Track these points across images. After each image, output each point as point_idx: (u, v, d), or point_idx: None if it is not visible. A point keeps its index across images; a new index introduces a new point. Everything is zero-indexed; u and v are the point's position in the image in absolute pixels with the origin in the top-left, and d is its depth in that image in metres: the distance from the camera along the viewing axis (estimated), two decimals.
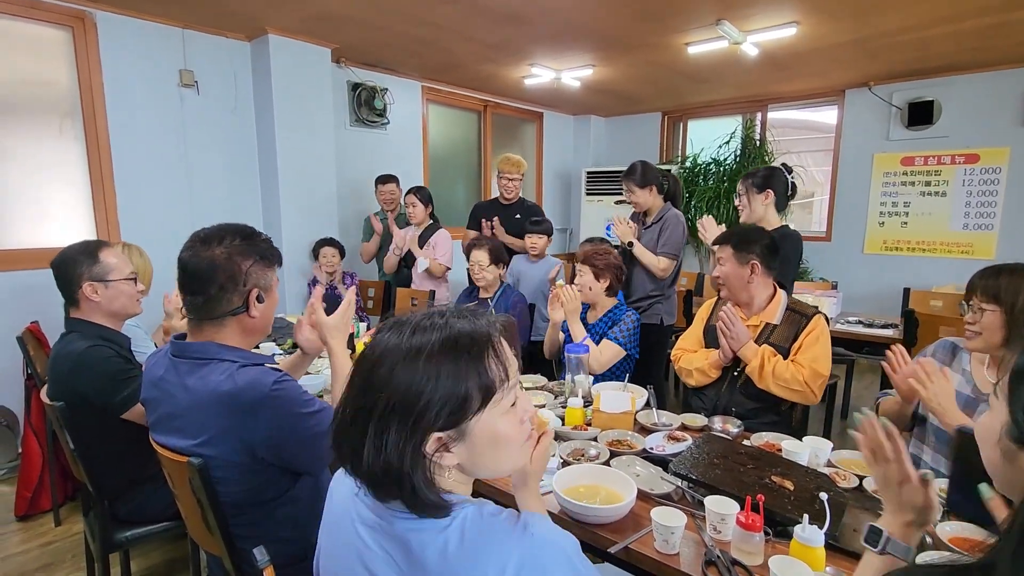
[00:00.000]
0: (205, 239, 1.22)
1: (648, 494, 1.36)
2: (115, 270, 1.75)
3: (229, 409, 1.15)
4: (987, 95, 4.45)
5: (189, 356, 1.23)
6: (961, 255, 4.74)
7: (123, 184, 3.30)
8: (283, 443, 1.18)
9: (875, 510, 1.29)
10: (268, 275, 1.27)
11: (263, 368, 1.22)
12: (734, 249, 1.93)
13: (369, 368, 0.72)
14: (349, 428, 0.73)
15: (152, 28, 3.33)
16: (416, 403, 0.69)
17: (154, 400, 1.28)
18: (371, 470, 0.70)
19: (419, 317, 0.76)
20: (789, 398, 1.86)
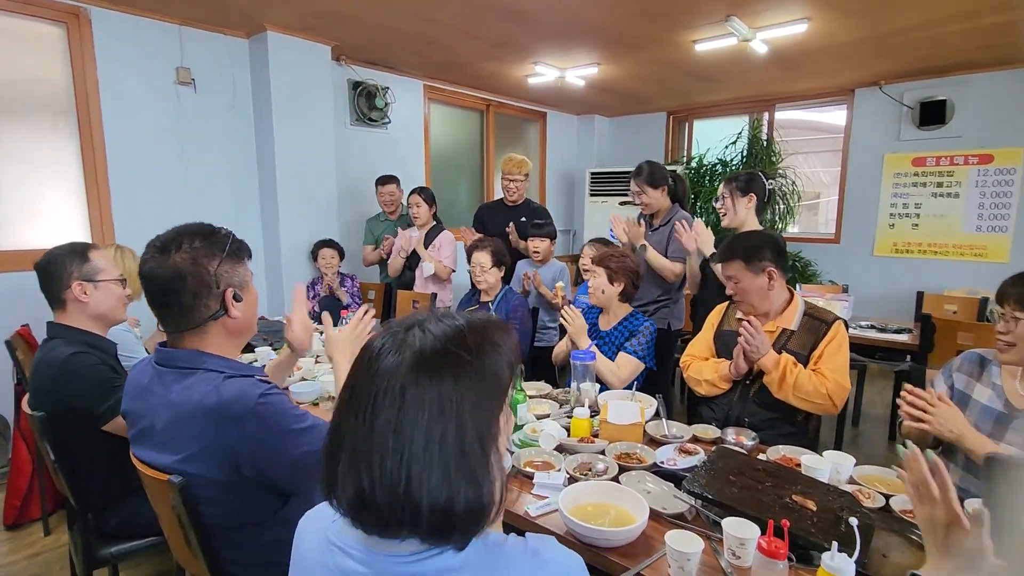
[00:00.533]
0: (163, 246, 1.13)
1: (660, 514, 1.27)
2: (105, 270, 1.69)
3: (214, 423, 1.07)
4: (1002, 94, 4.35)
5: (174, 365, 1.16)
6: (974, 258, 4.64)
7: (118, 184, 3.23)
8: (270, 460, 1.10)
9: (904, 533, 1.20)
10: (240, 271, 1.20)
11: (251, 380, 1.14)
12: (745, 262, 1.83)
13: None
14: (364, 450, 0.62)
15: (148, 24, 3.26)
16: (493, 418, 0.64)
17: (136, 412, 1.21)
18: (406, 500, 0.60)
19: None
20: (808, 410, 1.78)
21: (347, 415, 0.63)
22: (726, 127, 5.72)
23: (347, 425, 0.63)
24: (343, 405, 0.65)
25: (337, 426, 0.64)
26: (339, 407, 0.66)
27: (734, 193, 2.44)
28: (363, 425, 0.61)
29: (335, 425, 0.65)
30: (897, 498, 1.32)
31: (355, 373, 0.66)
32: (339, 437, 0.63)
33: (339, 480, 0.62)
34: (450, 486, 0.60)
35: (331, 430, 0.66)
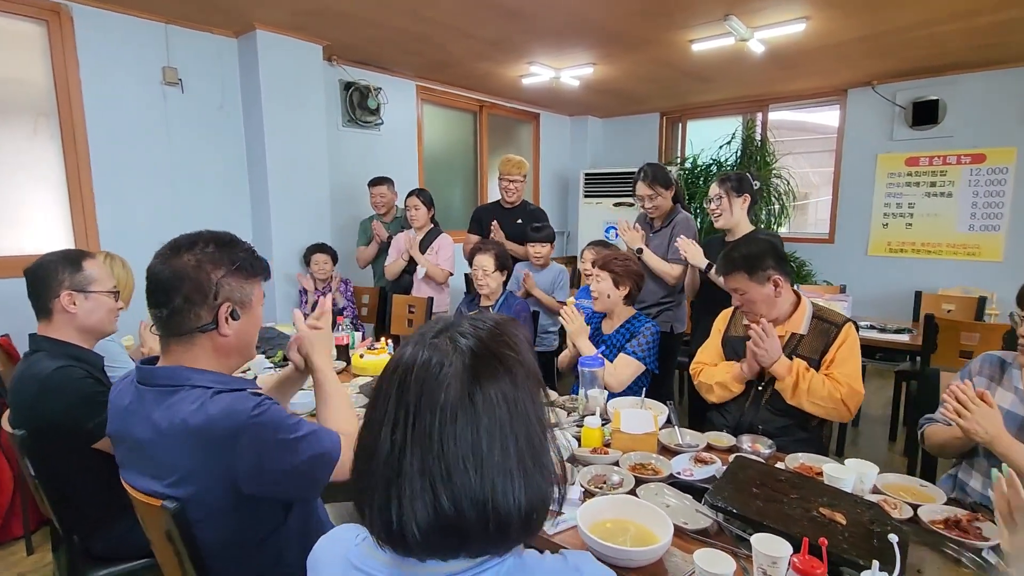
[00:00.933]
0: (176, 246, 1.07)
1: (683, 529, 1.22)
2: (97, 281, 1.60)
3: (203, 444, 0.99)
4: (994, 94, 4.37)
5: (155, 383, 1.07)
6: (967, 257, 4.66)
7: (103, 187, 3.13)
8: (272, 475, 1.02)
9: (938, 547, 1.16)
10: (245, 288, 1.11)
11: (240, 394, 1.06)
12: (749, 274, 1.79)
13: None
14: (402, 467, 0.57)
15: (133, 23, 3.16)
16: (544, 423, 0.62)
17: (120, 435, 1.13)
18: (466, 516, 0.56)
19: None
20: (821, 415, 1.73)
21: (399, 435, 0.57)
22: (720, 127, 5.71)
23: (399, 445, 0.57)
24: (383, 425, 0.59)
25: (384, 448, 0.58)
26: (375, 428, 0.60)
27: (730, 194, 2.41)
28: (431, 443, 0.56)
29: (377, 447, 0.58)
30: (925, 508, 1.28)
31: (399, 390, 0.59)
32: (392, 460, 0.57)
33: (399, 505, 0.56)
34: (530, 488, 0.57)
35: (370, 454, 0.59)
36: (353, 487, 0.62)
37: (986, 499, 1.43)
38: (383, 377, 0.62)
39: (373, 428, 0.60)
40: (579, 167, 6.33)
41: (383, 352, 2.49)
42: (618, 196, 5.85)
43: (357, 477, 0.61)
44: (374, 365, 2.39)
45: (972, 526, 1.21)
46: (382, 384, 0.61)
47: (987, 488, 1.45)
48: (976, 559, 1.11)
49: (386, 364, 0.64)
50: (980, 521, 1.23)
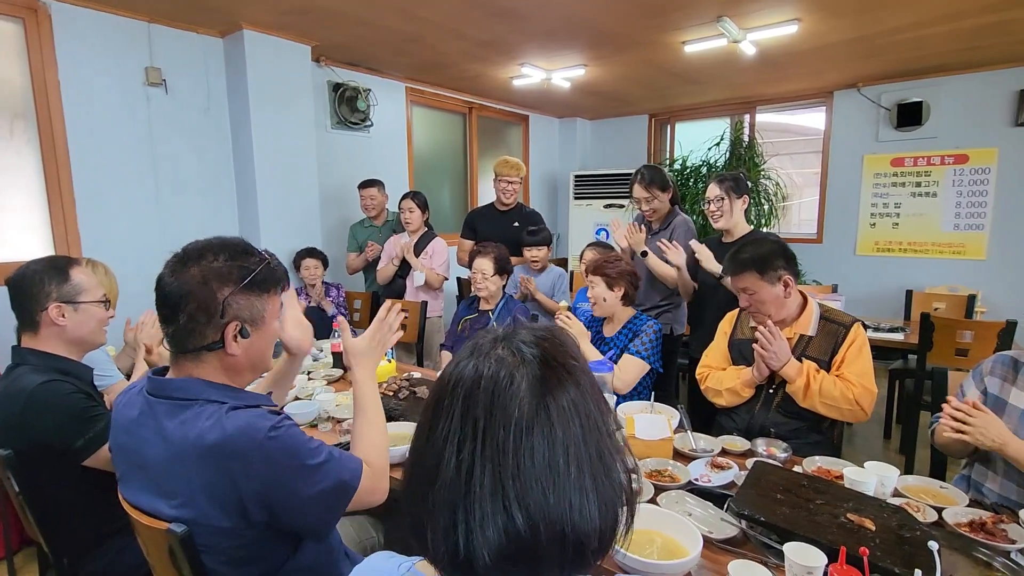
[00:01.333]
0: (185, 257, 1.02)
1: (709, 539, 1.18)
2: (87, 291, 1.52)
3: (216, 462, 0.93)
4: (975, 96, 4.46)
5: (169, 396, 1.01)
6: (953, 256, 4.74)
7: (83, 192, 3.01)
8: (283, 503, 0.97)
9: (967, 551, 1.14)
10: (257, 305, 1.04)
11: (258, 411, 1.00)
12: (760, 273, 1.76)
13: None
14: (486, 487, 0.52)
15: (114, 21, 3.05)
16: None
17: (125, 448, 1.06)
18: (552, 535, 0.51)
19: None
20: (836, 417, 1.72)
21: (466, 453, 0.52)
22: (707, 129, 5.73)
23: (467, 464, 0.52)
24: (447, 443, 0.53)
25: (449, 468, 0.52)
26: (437, 447, 0.54)
27: (730, 194, 2.40)
28: (504, 460, 0.51)
29: (440, 468, 0.53)
30: (949, 511, 1.27)
31: (464, 405, 0.54)
32: (458, 481, 0.52)
33: (467, 528, 0.51)
34: (603, 506, 0.53)
35: (430, 475, 0.53)
36: (408, 512, 0.56)
37: (1004, 500, 1.43)
38: (440, 394, 0.57)
39: (433, 447, 0.54)
40: (569, 169, 6.32)
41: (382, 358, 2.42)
42: (609, 197, 5.85)
43: (414, 501, 0.55)
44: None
45: (998, 528, 1.20)
46: (441, 401, 0.56)
47: (1004, 489, 1.45)
48: (1007, 562, 1.10)
49: (440, 381, 0.59)
50: (1005, 523, 1.22)
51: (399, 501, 0.61)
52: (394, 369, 2.42)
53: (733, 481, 1.43)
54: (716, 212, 2.45)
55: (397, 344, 3.12)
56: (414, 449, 0.58)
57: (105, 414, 1.41)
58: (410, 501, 0.56)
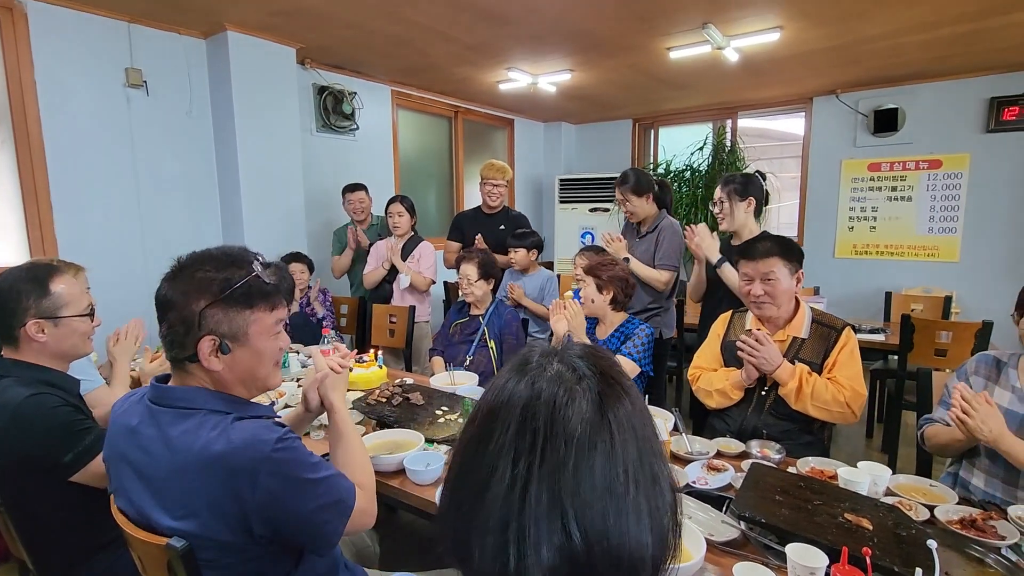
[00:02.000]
0: (179, 267, 1.01)
1: (711, 542, 1.19)
2: (69, 304, 1.45)
3: (221, 474, 0.92)
4: (948, 103, 4.59)
5: (172, 404, 1.00)
6: (928, 258, 4.87)
7: (61, 195, 2.93)
8: (286, 516, 0.95)
9: (960, 548, 1.17)
10: (236, 320, 1.00)
11: (263, 423, 1.00)
12: (785, 259, 1.77)
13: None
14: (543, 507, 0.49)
15: (93, 21, 2.98)
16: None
17: (124, 457, 1.03)
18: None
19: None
20: (826, 419, 1.75)
21: (521, 468, 0.49)
22: (691, 134, 5.81)
23: (522, 480, 0.49)
24: (500, 459, 0.50)
25: (501, 484, 0.49)
26: (488, 463, 0.51)
27: (732, 196, 2.40)
28: (563, 477, 0.48)
29: (491, 484, 0.50)
30: (941, 509, 1.29)
31: (521, 421, 0.51)
32: (511, 499, 0.49)
33: (519, 548, 0.48)
34: (655, 527, 0.51)
35: (477, 491, 0.50)
36: (449, 529, 0.53)
37: (990, 496, 1.47)
38: (492, 407, 0.53)
39: (484, 461, 0.51)
40: (554, 173, 6.35)
41: (372, 365, 2.40)
42: (594, 201, 5.89)
43: (458, 517, 0.52)
44: (364, 379, 2.30)
45: (988, 525, 1.23)
46: (495, 413, 0.53)
47: (990, 486, 1.49)
48: (999, 558, 1.13)
49: (491, 396, 0.55)
50: (994, 520, 1.25)
51: (397, 511, 0.58)
52: (385, 375, 2.40)
53: (730, 483, 1.45)
54: (719, 214, 2.46)
55: (385, 349, 3.09)
56: (459, 464, 0.55)
57: (94, 427, 1.37)
58: (452, 518, 0.53)
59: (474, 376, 2.31)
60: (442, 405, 1.97)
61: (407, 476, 1.50)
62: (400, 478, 1.51)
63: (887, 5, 2.97)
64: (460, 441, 0.56)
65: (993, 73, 4.36)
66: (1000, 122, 4.41)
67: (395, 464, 1.53)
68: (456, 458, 0.55)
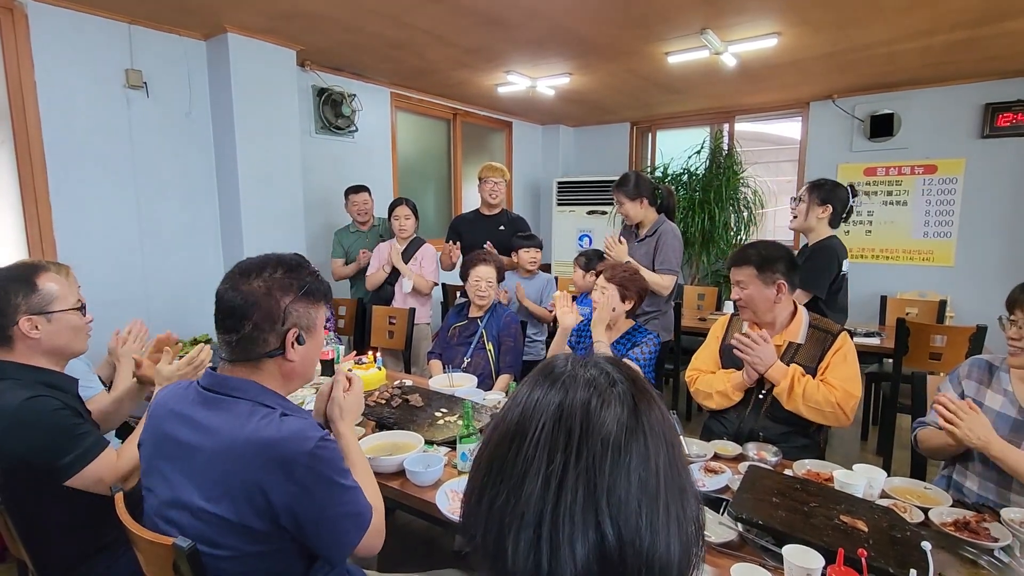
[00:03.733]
0: (245, 271, 1.08)
1: (708, 543, 1.21)
2: (59, 299, 1.45)
3: (264, 459, 0.96)
4: (943, 109, 4.64)
5: (227, 392, 1.05)
6: (923, 262, 4.91)
7: (60, 195, 2.93)
8: (311, 512, 0.99)
9: (954, 549, 1.19)
10: (311, 313, 1.13)
11: (310, 421, 1.05)
12: (758, 270, 1.81)
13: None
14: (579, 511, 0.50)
15: (93, 22, 2.98)
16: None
17: (167, 437, 1.07)
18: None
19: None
20: (819, 420, 1.77)
21: (556, 466, 0.50)
22: (688, 138, 5.85)
23: (557, 477, 0.49)
24: (534, 460, 0.51)
25: (535, 481, 0.50)
26: (521, 457, 0.51)
27: (812, 200, 2.46)
28: (599, 477, 0.49)
29: (525, 480, 0.51)
30: (935, 511, 1.31)
31: (553, 418, 0.52)
32: (547, 496, 0.49)
33: (551, 545, 0.48)
34: (683, 535, 0.52)
35: (513, 484, 0.51)
36: (482, 527, 0.53)
37: (983, 499, 1.49)
38: (525, 411, 0.54)
39: (521, 456, 0.51)
40: (551, 175, 6.37)
41: (371, 367, 2.40)
42: (591, 204, 5.91)
43: (491, 516, 0.52)
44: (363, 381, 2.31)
45: (981, 527, 1.25)
46: (528, 415, 0.53)
47: (983, 489, 1.51)
48: (992, 560, 1.15)
49: (517, 405, 0.55)
50: (987, 522, 1.27)
51: (396, 512, 0.58)
52: (384, 377, 2.41)
53: (727, 485, 1.47)
54: (794, 211, 2.53)
55: (384, 351, 3.10)
56: (488, 463, 0.55)
57: (92, 431, 1.38)
58: (484, 515, 0.52)
59: (473, 378, 2.32)
60: (441, 407, 1.98)
61: (407, 478, 1.52)
62: (400, 480, 1.52)
63: (883, 13, 3.01)
64: (488, 443, 0.56)
65: (988, 80, 4.41)
66: (994, 128, 4.45)
67: (395, 466, 1.54)
68: (485, 457, 0.55)
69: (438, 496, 1.42)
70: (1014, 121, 4.38)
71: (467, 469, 1.54)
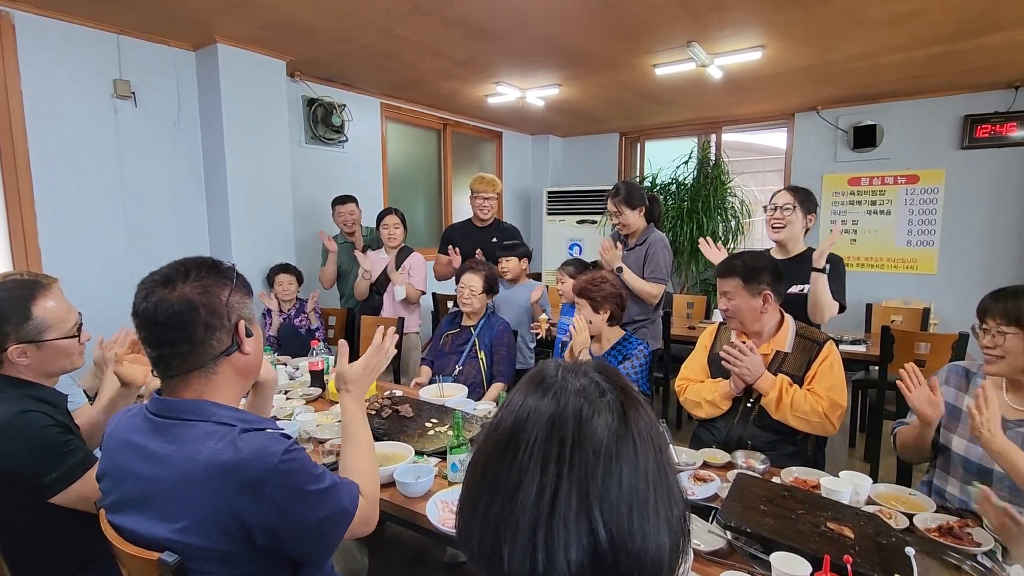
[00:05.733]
0: (165, 280, 0.99)
1: (697, 551, 1.22)
2: (54, 327, 1.40)
3: (227, 484, 0.92)
4: (925, 120, 4.74)
5: (177, 416, 1.00)
6: (906, 270, 4.98)
7: (45, 206, 2.90)
8: (290, 528, 0.96)
9: (938, 555, 1.20)
10: (248, 304, 1.08)
11: (271, 434, 1.00)
12: (744, 281, 1.84)
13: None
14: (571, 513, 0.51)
15: (81, 32, 2.97)
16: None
17: (122, 470, 1.02)
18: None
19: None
20: (806, 430, 1.79)
21: (551, 475, 0.51)
22: (676, 148, 5.92)
23: (552, 484, 0.51)
24: (528, 469, 0.52)
25: (531, 489, 0.51)
26: (516, 466, 0.53)
27: (801, 205, 2.36)
28: (591, 482, 0.51)
29: (521, 487, 0.52)
30: (919, 517, 1.33)
31: (545, 429, 0.53)
32: (541, 503, 0.51)
33: (547, 549, 0.50)
34: (671, 535, 0.53)
35: (509, 493, 0.53)
36: (478, 534, 0.54)
37: (965, 503, 1.51)
38: (518, 420, 0.55)
39: (516, 465, 0.53)
40: (541, 185, 6.41)
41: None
42: (581, 213, 5.95)
43: (487, 523, 0.53)
44: None
45: (964, 532, 1.27)
46: (521, 423, 0.55)
47: (964, 493, 1.53)
48: (975, 565, 1.16)
49: (510, 414, 0.57)
50: (970, 527, 1.29)
51: (386, 524, 0.59)
52: (374, 388, 2.40)
53: (716, 494, 1.48)
54: (779, 221, 2.35)
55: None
56: (482, 472, 0.56)
57: (80, 448, 1.36)
58: (480, 522, 0.54)
59: (463, 388, 2.32)
60: (431, 417, 1.98)
61: (397, 489, 1.51)
62: (390, 491, 1.52)
63: (865, 27, 3.08)
64: (481, 451, 0.57)
65: (966, 92, 4.51)
66: (974, 139, 4.55)
67: (385, 477, 1.53)
68: (478, 467, 0.57)
69: (428, 507, 1.41)
70: (992, 132, 4.48)
71: (457, 480, 1.54)
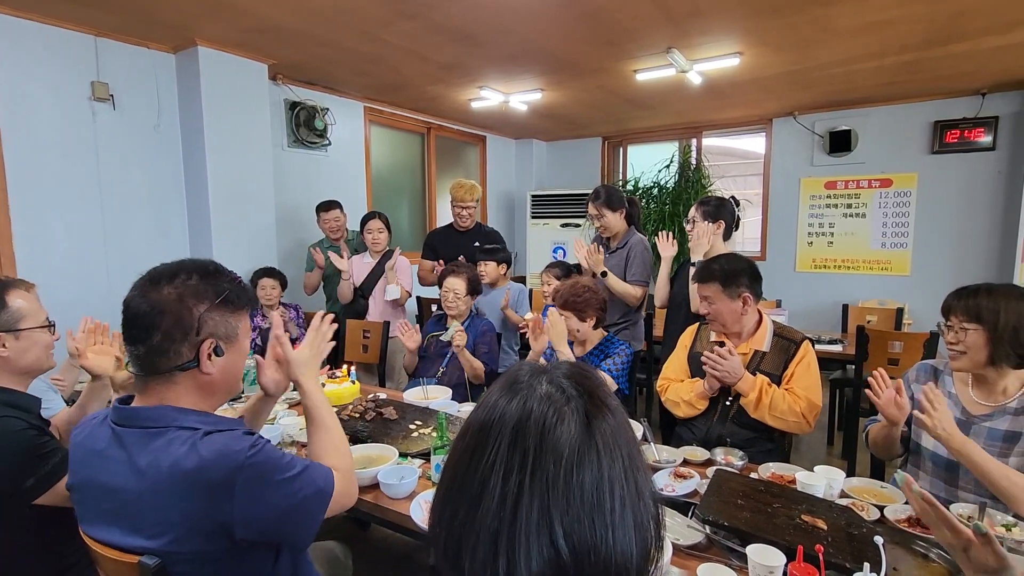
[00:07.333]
0: (155, 278, 1.00)
1: (676, 546, 1.24)
2: (28, 316, 1.44)
3: (196, 491, 0.92)
4: (897, 126, 4.87)
5: (139, 424, 0.99)
6: (881, 272, 5.11)
7: (20, 210, 2.85)
8: (267, 519, 0.96)
9: (907, 544, 1.24)
10: (231, 322, 1.05)
11: (234, 433, 1.00)
12: (723, 285, 1.88)
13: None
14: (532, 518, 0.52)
15: (57, 34, 2.94)
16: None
17: (89, 483, 1.01)
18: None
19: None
20: (783, 429, 1.83)
21: (513, 484, 0.52)
22: (658, 152, 6.00)
23: (513, 495, 0.51)
24: (492, 474, 0.53)
25: (493, 498, 0.52)
26: (481, 478, 0.53)
27: (706, 219, 2.50)
28: (553, 491, 0.51)
29: (483, 496, 0.52)
30: (890, 509, 1.37)
31: (513, 439, 0.54)
32: (503, 512, 0.51)
33: (508, 559, 0.50)
34: (640, 540, 0.53)
35: (472, 503, 0.53)
36: (442, 533, 0.55)
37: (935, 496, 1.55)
38: (485, 423, 0.56)
39: (478, 473, 0.53)
40: (525, 189, 6.44)
41: (345, 380, 2.39)
42: (565, 217, 5.99)
43: (452, 522, 0.54)
44: (337, 395, 2.30)
45: None
46: (487, 428, 0.55)
47: (934, 487, 1.58)
48: (942, 553, 1.20)
49: (482, 413, 0.57)
50: None
51: (370, 526, 0.59)
52: (358, 391, 2.40)
53: (696, 490, 1.50)
54: (690, 232, 2.56)
55: (358, 365, 3.08)
56: (451, 476, 0.57)
57: (58, 449, 1.34)
58: (446, 527, 0.55)
59: (447, 390, 2.33)
60: (416, 419, 1.98)
61: (381, 490, 1.51)
62: (374, 492, 1.52)
63: (838, 35, 3.17)
64: (452, 453, 0.58)
65: (936, 99, 4.66)
66: (943, 144, 4.69)
67: (369, 478, 1.53)
68: (448, 470, 0.58)
69: (412, 508, 1.42)
70: (960, 138, 4.63)
71: None
